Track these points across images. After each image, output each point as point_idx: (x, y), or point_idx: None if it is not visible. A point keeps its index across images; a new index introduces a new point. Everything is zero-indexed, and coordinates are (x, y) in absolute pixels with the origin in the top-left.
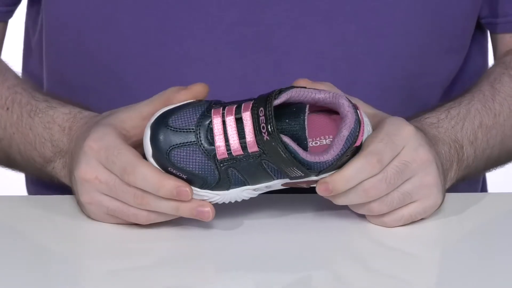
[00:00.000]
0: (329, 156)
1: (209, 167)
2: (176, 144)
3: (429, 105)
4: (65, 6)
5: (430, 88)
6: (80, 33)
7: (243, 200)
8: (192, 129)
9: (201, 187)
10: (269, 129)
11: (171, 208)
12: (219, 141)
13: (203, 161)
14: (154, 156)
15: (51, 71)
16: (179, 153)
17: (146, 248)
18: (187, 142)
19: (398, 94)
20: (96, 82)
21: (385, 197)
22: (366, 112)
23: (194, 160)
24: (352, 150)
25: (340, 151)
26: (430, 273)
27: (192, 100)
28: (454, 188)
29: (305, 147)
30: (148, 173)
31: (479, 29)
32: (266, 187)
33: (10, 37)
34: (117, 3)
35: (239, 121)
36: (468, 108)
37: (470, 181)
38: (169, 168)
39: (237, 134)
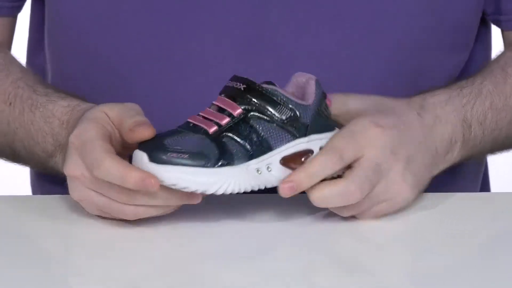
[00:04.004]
0: (307, 102)
1: (205, 141)
2: (168, 133)
3: None
4: (67, 6)
5: (434, 85)
6: (82, 33)
7: (242, 202)
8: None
9: (205, 165)
10: (245, 81)
11: (118, 178)
12: (205, 121)
13: (198, 139)
14: (145, 149)
15: (54, 69)
16: (172, 139)
17: (147, 248)
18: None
19: (402, 92)
20: (99, 82)
21: (354, 203)
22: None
23: (189, 141)
24: (326, 110)
25: (315, 97)
26: (428, 274)
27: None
28: (454, 187)
29: None
30: (112, 166)
31: (483, 25)
32: (267, 167)
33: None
34: (120, 4)
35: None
36: (480, 88)
37: (470, 179)
38: (168, 154)
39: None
